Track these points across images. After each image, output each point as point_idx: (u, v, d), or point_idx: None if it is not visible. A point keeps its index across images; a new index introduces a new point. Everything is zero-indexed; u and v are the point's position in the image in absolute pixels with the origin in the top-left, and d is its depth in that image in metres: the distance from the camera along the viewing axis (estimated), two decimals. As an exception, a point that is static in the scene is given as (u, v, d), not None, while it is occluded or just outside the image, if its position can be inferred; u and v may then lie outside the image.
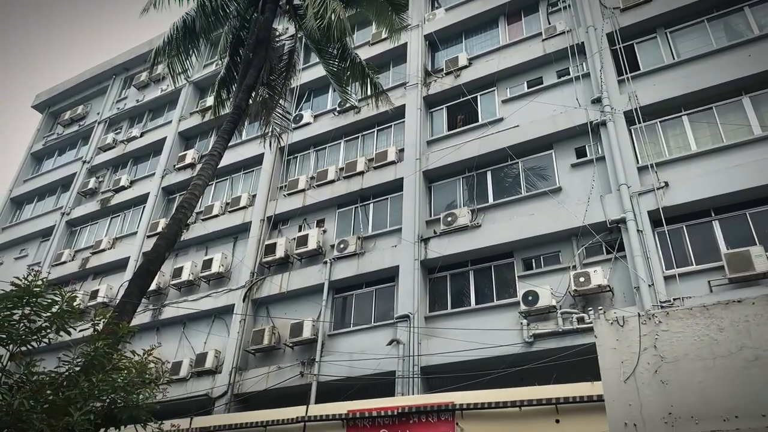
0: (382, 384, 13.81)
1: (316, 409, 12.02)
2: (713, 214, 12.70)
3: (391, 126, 18.94)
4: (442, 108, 18.35)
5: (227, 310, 17.67)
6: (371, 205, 17.90)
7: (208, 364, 16.53)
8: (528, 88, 16.99)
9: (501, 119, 16.65)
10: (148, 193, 22.84)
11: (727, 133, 13.36)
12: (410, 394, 12.99)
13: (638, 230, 12.83)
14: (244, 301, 17.32)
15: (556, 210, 14.23)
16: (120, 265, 21.36)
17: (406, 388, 13.40)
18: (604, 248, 13.48)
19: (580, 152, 15.14)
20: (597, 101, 15.13)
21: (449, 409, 10.62)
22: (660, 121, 14.33)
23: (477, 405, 10.49)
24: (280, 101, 15.62)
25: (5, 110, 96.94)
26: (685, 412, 5.72)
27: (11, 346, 6.05)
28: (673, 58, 14.99)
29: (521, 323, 13.13)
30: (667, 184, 13.10)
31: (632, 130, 14.45)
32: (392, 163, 17.72)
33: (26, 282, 6.06)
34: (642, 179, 13.55)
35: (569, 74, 16.28)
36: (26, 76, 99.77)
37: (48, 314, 6.31)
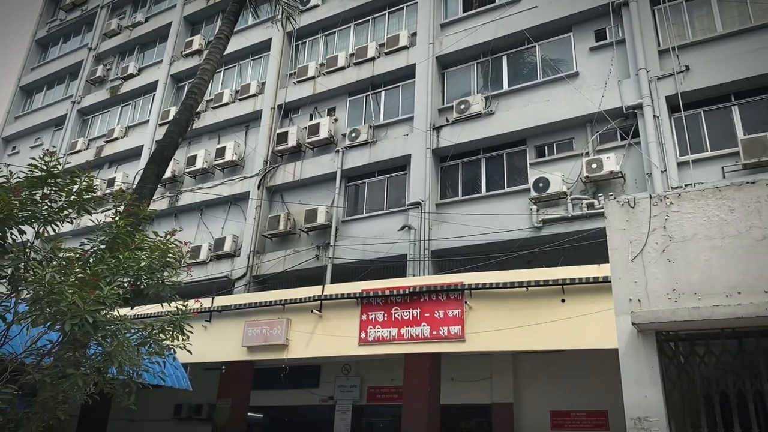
0: (394, 266, 14.29)
1: (332, 289, 12.53)
2: (733, 99, 12.42)
3: (403, 8, 18.19)
4: (458, -13, 17.51)
5: (243, 197, 17.99)
6: (383, 93, 17.60)
7: (227, 248, 17.09)
8: (548, -35, 16.04)
9: (519, -1, 15.91)
10: (157, 80, 22.54)
11: (756, 12, 12.72)
12: (421, 276, 13.46)
13: (654, 116, 12.63)
14: (258, 188, 17.58)
15: (572, 96, 13.94)
16: (134, 154, 21.53)
17: (417, 270, 13.87)
18: (618, 134, 13.34)
19: (600, 35, 14.58)
20: (620, -22, 14.35)
21: (458, 288, 11.03)
22: (686, 0, 13.64)
23: (485, 285, 10.87)
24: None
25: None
26: (689, 289, 5.89)
27: (36, 225, 6.24)
28: (706, -70, 14.00)
29: (531, 209, 13.31)
30: (687, 68, 12.71)
31: (655, 11, 13.81)
32: (404, 48, 17.19)
33: (43, 162, 6.14)
34: (662, 63, 13.14)
35: (593, -51, 15.31)
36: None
37: (70, 198, 6.45)
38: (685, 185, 11.78)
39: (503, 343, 10.57)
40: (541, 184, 13.13)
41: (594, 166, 12.64)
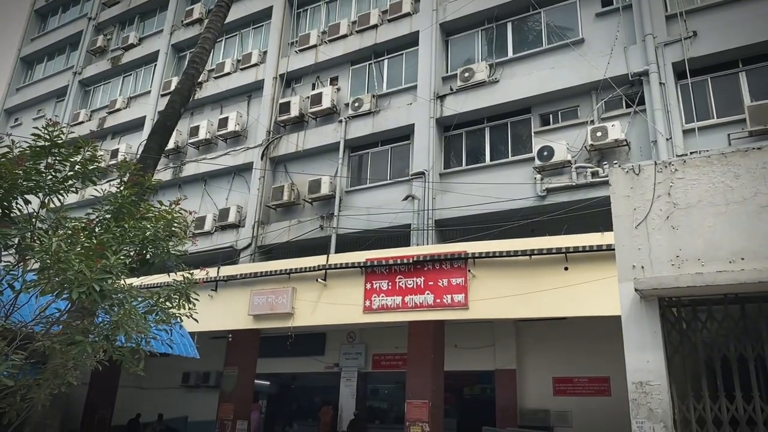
0: (397, 236, 14.34)
1: (337, 258, 12.60)
2: (741, 65, 12.26)
3: (406, -26, 17.87)
4: (461, -49, 17.16)
5: (246, 168, 17.98)
6: (385, 62, 17.42)
7: (231, 218, 17.15)
8: (555, -72, 15.70)
9: (524, -36, 15.60)
10: (158, 50, 22.36)
11: (766, -25, 12.47)
12: (425, 245, 13.51)
13: (660, 83, 12.49)
14: (262, 159, 17.55)
15: (578, 63, 13.78)
16: (137, 125, 21.47)
17: (421, 239, 13.91)
18: (623, 102, 13.23)
19: (606, 0, 14.34)
20: (628, -58, 14.04)
21: (462, 257, 11.07)
22: (694, -36, 13.38)
23: (489, 254, 10.90)
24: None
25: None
26: (692, 255, 5.90)
27: (41, 194, 6.25)
28: None
29: (535, 178, 13.28)
30: (695, 34, 12.52)
31: (664, -25, 13.55)
32: (407, 15, 16.95)
33: (47, 132, 6.13)
34: (669, 29, 12.94)
35: None
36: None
37: (75, 166, 6.44)
38: (691, 153, 11.72)
39: (506, 310, 10.65)
40: (545, 153, 13.06)
41: (599, 134, 12.55)
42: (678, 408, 5.47)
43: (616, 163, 11.61)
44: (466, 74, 15.04)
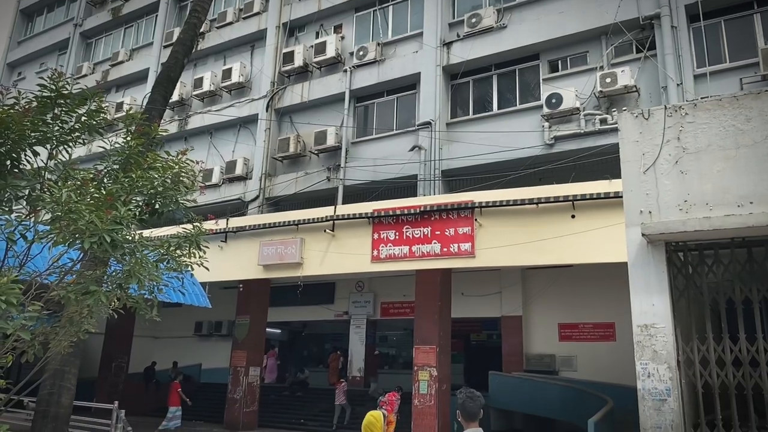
0: (404, 187, 14.33)
1: (344, 209, 12.65)
2: (755, 6, 11.92)
3: None
4: None
5: (251, 120, 17.87)
6: (390, 8, 17.03)
7: (238, 170, 17.15)
8: None
9: None
10: (159, 0, 21.90)
11: None
12: (432, 195, 13.52)
13: (672, 26, 12.21)
14: (267, 110, 17.42)
15: (587, 7, 13.44)
16: (140, 77, 21.25)
17: (428, 190, 13.91)
18: (634, 47, 12.95)
19: (618, -60, 13.85)
20: None
21: (469, 206, 11.09)
22: None
23: (495, 203, 10.91)
24: None
25: None
26: (700, 200, 5.89)
27: (48, 146, 6.25)
28: None
29: (543, 126, 13.15)
30: (710, -26, 12.15)
31: None
32: (413, -42, 16.48)
33: (53, 83, 6.08)
34: (683, -31, 12.55)
35: None
36: None
37: (80, 119, 6.41)
38: (702, 98, 11.53)
39: (513, 258, 10.74)
40: (553, 100, 12.90)
41: (608, 80, 12.35)
42: (682, 349, 5.57)
43: (625, 109, 11.48)
44: (474, 20, 14.72)
